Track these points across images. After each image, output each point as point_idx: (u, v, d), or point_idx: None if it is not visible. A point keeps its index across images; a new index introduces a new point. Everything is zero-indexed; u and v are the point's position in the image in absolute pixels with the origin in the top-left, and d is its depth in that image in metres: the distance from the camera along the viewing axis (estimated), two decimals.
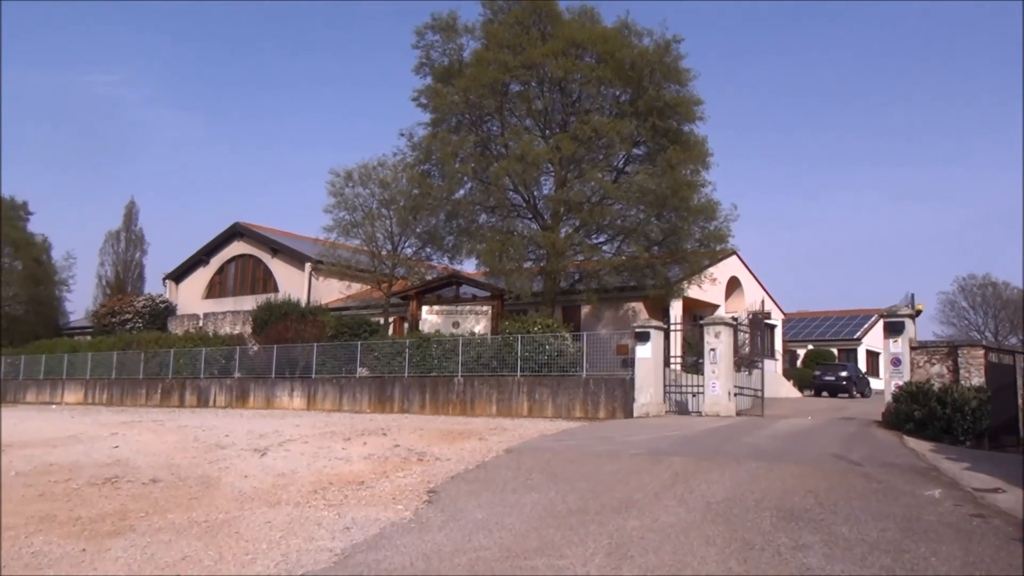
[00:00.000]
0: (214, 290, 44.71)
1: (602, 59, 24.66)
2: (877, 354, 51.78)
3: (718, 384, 19.94)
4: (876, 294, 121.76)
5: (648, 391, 20.29)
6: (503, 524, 8.08)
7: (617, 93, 25.88)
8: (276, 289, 39.60)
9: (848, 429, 16.34)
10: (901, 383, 16.51)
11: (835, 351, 48.81)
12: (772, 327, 36.40)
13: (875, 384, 43.47)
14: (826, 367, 39.06)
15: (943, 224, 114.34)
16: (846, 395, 36.23)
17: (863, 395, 37.41)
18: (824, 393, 36.77)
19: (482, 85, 24.85)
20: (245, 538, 7.78)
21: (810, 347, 49.06)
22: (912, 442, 14.46)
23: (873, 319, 52.25)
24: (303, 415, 23.93)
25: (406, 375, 25.19)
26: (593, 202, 25.46)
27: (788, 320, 46.99)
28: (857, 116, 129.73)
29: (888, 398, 16.96)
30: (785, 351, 41.72)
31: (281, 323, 30.68)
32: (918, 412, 15.30)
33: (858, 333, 50.74)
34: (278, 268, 41.22)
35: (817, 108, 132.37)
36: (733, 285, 35.04)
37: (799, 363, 45.33)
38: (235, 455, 13.72)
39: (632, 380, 20.61)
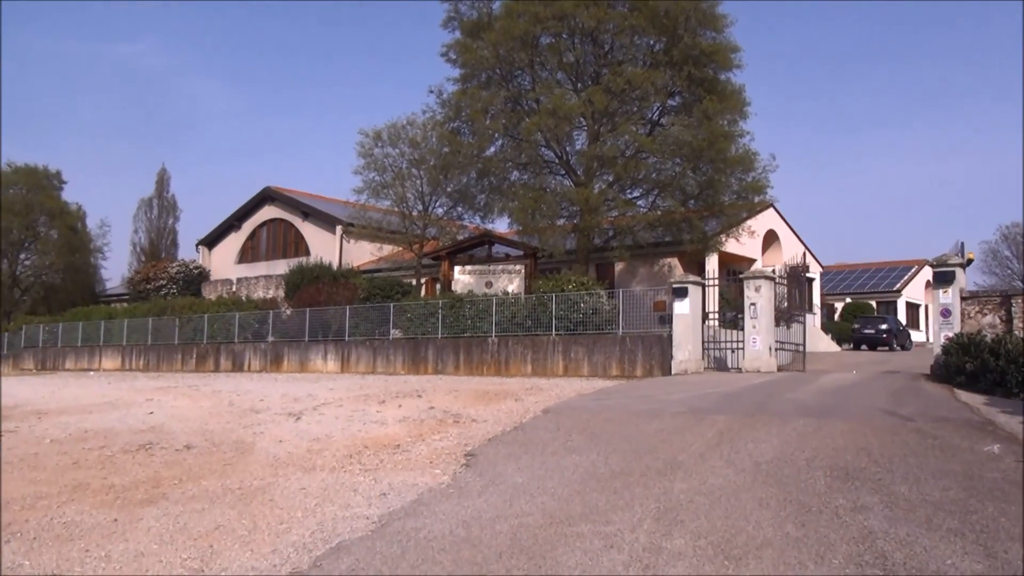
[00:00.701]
0: (246, 255, 44.87)
1: (635, 7, 23.80)
2: (917, 306, 50.82)
3: (759, 339, 19.45)
4: (916, 245, 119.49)
5: (686, 348, 19.87)
6: (545, 488, 7.79)
7: (651, 42, 25.06)
8: (308, 253, 39.64)
9: (895, 383, 15.83)
10: (951, 335, 15.90)
11: (874, 304, 47.84)
12: (810, 280, 35.64)
13: (915, 336, 42.62)
14: (865, 320, 38.20)
15: (985, 173, 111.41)
16: (886, 348, 35.47)
17: (903, 348, 36.65)
18: (863, 346, 36.02)
19: (512, 38, 24.19)
20: (280, 506, 7.57)
21: (848, 300, 48.16)
22: (964, 395, 13.94)
23: (913, 270, 51.09)
24: (337, 378, 23.86)
25: (439, 336, 25.00)
26: (627, 156, 24.81)
27: (825, 273, 46.12)
28: (895, 67, 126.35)
29: (937, 350, 16.40)
30: (823, 304, 40.97)
31: (313, 286, 30.67)
32: (969, 364, 14.72)
33: (897, 285, 49.65)
34: (309, 231, 41.18)
35: (857, 60, 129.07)
36: (770, 238, 34.28)
37: (836, 316, 44.53)
38: (269, 420, 13.58)
39: (670, 337, 20.19)
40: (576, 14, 23.96)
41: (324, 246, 39.32)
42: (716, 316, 21.99)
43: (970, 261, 17.71)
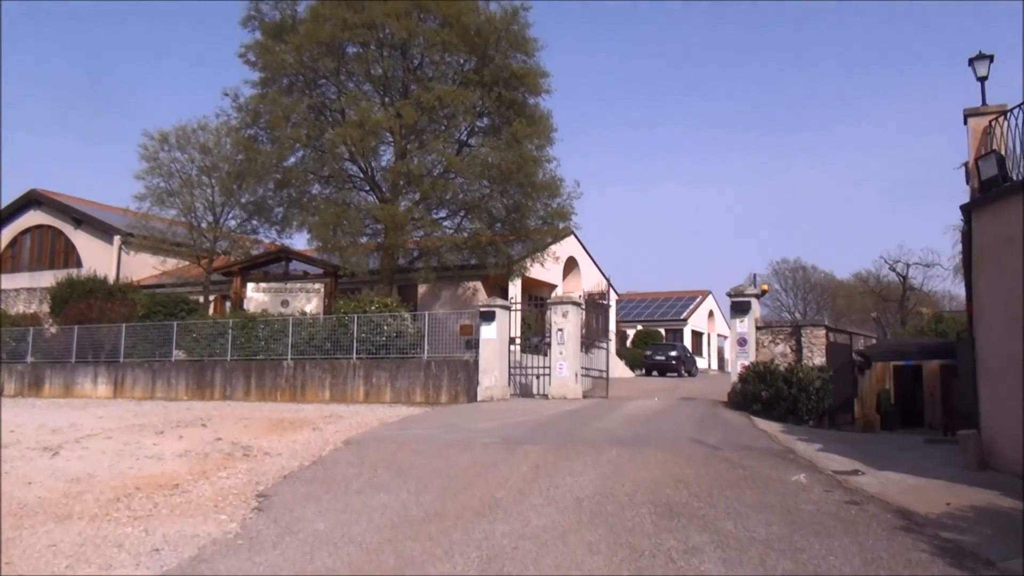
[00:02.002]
0: (5, 264, 39.98)
1: (447, 23, 23.28)
2: (701, 334, 54.03)
3: (565, 365, 19.32)
4: (700, 277, 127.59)
5: (492, 374, 19.41)
6: (350, 536, 6.85)
7: (462, 61, 24.64)
8: (80, 264, 35.88)
9: (697, 410, 16.11)
10: (747, 363, 16.44)
11: (663, 331, 50.23)
12: (608, 307, 36.62)
13: (700, 363, 45.02)
14: (656, 347, 39.78)
15: (765, 208, 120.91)
16: (675, 374, 37.02)
17: (690, 374, 38.46)
18: (654, 372, 37.43)
19: (318, 43, 22.98)
20: (19, 569, 6.13)
21: (639, 327, 50.22)
22: (761, 423, 14.36)
23: (697, 300, 54.41)
24: (109, 404, 21.45)
25: (229, 358, 23.16)
26: (435, 175, 24.22)
27: (619, 301, 47.89)
28: (691, 97, 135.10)
29: (734, 378, 16.89)
30: (617, 331, 42.33)
31: (84, 302, 27.77)
32: (765, 392, 15.25)
33: (684, 314, 52.52)
34: (82, 241, 37.32)
35: (655, 90, 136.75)
36: (571, 265, 34.93)
37: (628, 343, 46.23)
38: (18, 455, 11.59)
39: (476, 362, 19.68)
40: (386, 24, 23.13)
41: (99, 258, 35.74)
42: (520, 341, 21.76)
43: (763, 292, 18.50)
